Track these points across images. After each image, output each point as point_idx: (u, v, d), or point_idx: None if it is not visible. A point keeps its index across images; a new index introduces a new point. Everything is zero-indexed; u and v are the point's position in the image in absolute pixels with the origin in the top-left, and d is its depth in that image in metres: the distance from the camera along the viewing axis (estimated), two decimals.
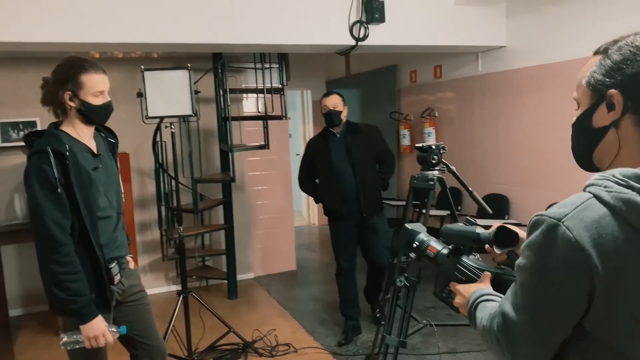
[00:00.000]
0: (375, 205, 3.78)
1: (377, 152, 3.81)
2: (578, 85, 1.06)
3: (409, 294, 2.19)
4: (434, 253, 1.33)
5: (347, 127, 3.75)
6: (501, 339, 1.00)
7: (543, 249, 0.94)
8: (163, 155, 4.37)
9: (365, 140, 3.74)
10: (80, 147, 2.00)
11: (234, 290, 4.89)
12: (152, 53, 4.91)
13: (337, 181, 3.70)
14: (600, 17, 3.71)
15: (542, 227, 0.94)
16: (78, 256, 1.91)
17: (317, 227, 7.82)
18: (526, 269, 0.97)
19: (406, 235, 1.37)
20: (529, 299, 0.97)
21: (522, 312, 0.97)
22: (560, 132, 4.12)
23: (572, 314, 0.95)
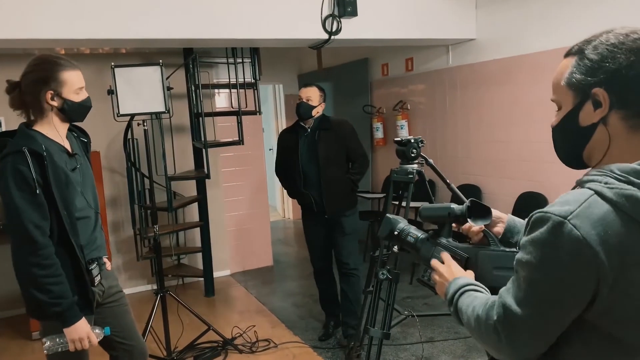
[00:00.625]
0: (341, 206, 3.52)
1: (347, 150, 3.54)
2: (556, 87, 1.08)
3: (392, 286, 2.22)
4: (414, 238, 1.37)
5: (319, 122, 3.52)
6: (501, 330, 1.02)
7: (549, 246, 0.96)
8: (135, 153, 4.30)
9: (334, 137, 3.49)
10: (55, 148, 1.95)
11: (211, 287, 4.85)
12: (121, 49, 4.81)
13: (302, 178, 3.52)
14: (570, 10, 3.80)
15: (548, 225, 0.96)
16: (58, 258, 1.87)
17: (292, 221, 7.83)
18: (531, 265, 0.99)
19: (387, 225, 1.41)
20: (535, 294, 0.99)
21: (526, 305, 0.99)
22: (530, 123, 4.22)
23: (577, 308, 0.97)
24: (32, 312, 1.95)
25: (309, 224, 3.68)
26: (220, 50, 4.72)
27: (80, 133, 2.16)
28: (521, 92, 4.28)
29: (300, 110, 3.48)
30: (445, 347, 3.53)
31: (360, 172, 3.58)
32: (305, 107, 3.47)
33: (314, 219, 3.58)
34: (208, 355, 3.57)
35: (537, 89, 4.13)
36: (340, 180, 3.49)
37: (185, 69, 4.56)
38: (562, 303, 0.97)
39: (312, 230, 3.67)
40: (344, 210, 3.53)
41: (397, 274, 2.23)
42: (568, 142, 1.10)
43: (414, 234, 1.36)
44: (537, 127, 4.16)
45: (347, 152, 3.54)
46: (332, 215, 3.49)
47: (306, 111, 3.47)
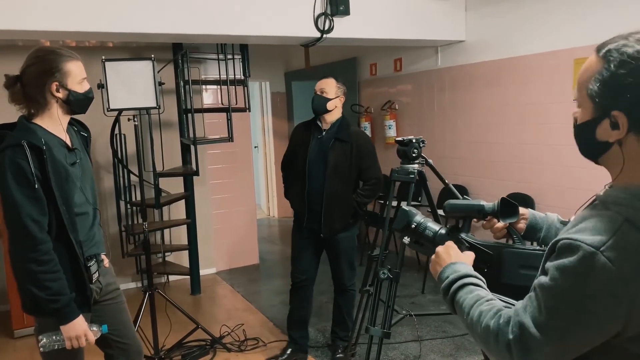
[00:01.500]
0: (339, 226, 3.16)
1: (361, 169, 3.15)
2: (580, 88, 1.04)
3: (392, 285, 2.22)
4: (432, 232, 1.35)
5: (337, 130, 3.14)
6: (515, 350, 1.00)
7: (580, 276, 0.93)
8: (123, 148, 4.23)
9: (349, 150, 3.10)
10: (55, 142, 1.91)
11: (197, 285, 4.81)
12: (108, 42, 4.73)
13: (306, 183, 3.16)
14: (559, 13, 3.87)
15: (578, 255, 0.93)
16: (56, 254, 1.83)
17: (277, 219, 7.80)
18: (556, 292, 0.96)
19: (404, 217, 1.39)
20: (558, 322, 0.96)
21: (546, 332, 0.97)
22: (519, 125, 4.28)
23: (602, 337, 0.96)
24: (28, 309, 1.91)
25: (299, 231, 3.31)
26: (209, 47, 4.68)
27: (80, 127, 2.12)
28: (510, 94, 4.34)
29: (313, 104, 3.13)
30: (434, 346, 3.56)
31: (371, 195, 3.20)
32: (319, 100, 3.11)
33: (307, 228, 3.24)
34: (196, 354, 3.54)
35: (526, 92, 4.19)
36: (345, 198, 3.13)
37: (175, 64, 4.50)
38: (587, 333, 0.95)
39: (301, 242, 3.31)
40: (341, 230, 3.19)
41: (398, 273, 2.23)
42: (584, 148, 1.09)
43: (432, 227, 1.35)
44: (525, 129, 4.23)
45: (360, 170, 3.16)
46: (325, 235, 3.17)
47: (320, 104, 3.11)
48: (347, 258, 3.23)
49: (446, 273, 1.20)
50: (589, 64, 1.03)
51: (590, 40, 3.64)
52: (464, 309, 1.12)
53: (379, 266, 2.37)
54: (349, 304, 3.30)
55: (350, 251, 3.25)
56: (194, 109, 4.09)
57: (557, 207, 4.01)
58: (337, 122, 3.18)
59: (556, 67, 3.92)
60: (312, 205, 3.17)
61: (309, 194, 3.17)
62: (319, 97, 3.14)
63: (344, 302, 3.30)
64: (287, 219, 7.79)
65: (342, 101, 3.21)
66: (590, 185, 3.77)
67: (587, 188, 3.93)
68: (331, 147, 3.11)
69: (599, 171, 3.79)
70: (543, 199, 4.11)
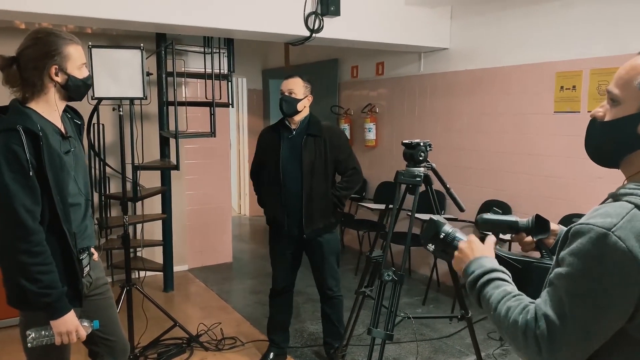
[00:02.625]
0: (322, 225, 3.06)
1: (337, 162, 3.08)
2: (624, 84, 1.05)
3: (396, 287, 2.22)
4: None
5: (306, 125, 3.05)
6: (542, 342, 1.01)
7: (593, 257, 0.96)
8: (101, 139, 4.10)
9: (323, 145, 3.02)
10: (50, 128, 1.82)
11: (170, 282, 4.70)
12: (86, 28, 4.57)
13: (281, 187, 3.03)
14: (544, 27, 3.97)
15: (590, 236, 0.96)
16: (49, 246, 1.74)
17: (247, 218, 7.72)
18: (573, 277, 0.98)
19: (432, 227, 1.38)
20: (578, 307, 0.98)
21: (569, 320, 0.98)
22: (497, 133, 4.37)
23: (620, 320, 0.98)
24: (15, 302, 1.81)
25: (279, 237, 3.17)
26: (192, 39, 4.59)
27: (74, 114, 2.03)
28: (490, 103, 4.43)
29: (283, 106, 3.00)
30: (412, 348, 3.59)
31: (349, 187, 3.12)
32: (289, 102, 2.98)
33: (286, 233, 3.10)
34: (173, 352, 3.45)
35: (507, 102, 4.29)
36: (324, 195, 3.04)
37: (157, 55, 4.39)
38: (606, 315, 0.97)
39: (281, 248, 3.17)
40: (325, 230, 3.09)
41: (402, 275, 2.23)
42: (613, 143, 1.08)
43: (461, 238, 1.34)
44: (504, 138, 4.32)
45: (336, 164, 3.08)
46: (308, 236, 3.05)
47: (290, 106, 2.99)
48: (331, 261, 3.14)
49: (471, 268, 1.20)
50: (635, 62, 1.04)
51: (572, 55, 3.76)
52: (491, 304, 1.12)
53: (382, 267, 2.36)
54: (338, 311, 3.21)
55: (334, 254, 3.16)
56: (178, 101, 3.99)
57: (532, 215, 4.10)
58: (305, 120, 3.08)
59: (538, 79, 4.03)
60: (290, 208, 3.05)
61: (285, 198, 3.05)
62: (288, 99, 3.00)
63: (332, 311, 3.21)
64: (259, 217, 7.72)
65: (310, 101, 3.09)
66: (565, 194, 3.92)
67: (561, 197, 4.07)
68: (304, 145, 3.00)
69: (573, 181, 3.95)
70: (519, 207, 4.20)
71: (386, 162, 5.53)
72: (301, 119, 3.07)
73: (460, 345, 3.60)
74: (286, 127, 3.11)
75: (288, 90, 3.02)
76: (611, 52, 3.51)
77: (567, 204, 3.84)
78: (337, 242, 3.21)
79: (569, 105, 3.80)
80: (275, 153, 3.06)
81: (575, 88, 3.74)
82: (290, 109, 3.02)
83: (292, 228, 3.06)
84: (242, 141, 7.78)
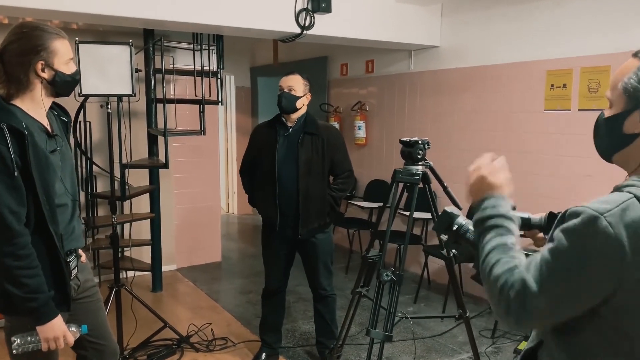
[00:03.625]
0: (317, 225, 3.03)
1: (332, 161, 3.04)
2: (613, 87, 1.11)
3: (395, 288, 2.19)
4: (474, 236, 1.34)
5: (303, 124, 3.00)
6: (513, 305, 1.03)
7: (581, 237, 1.00)
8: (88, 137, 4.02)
9: (320, 144, 2.97)
10: (36, 126, 1.76)
11: (159, 282, 4.64)
12: (72, 23, 4.47)
13: (276, 186, 2.97)
14: (534, 26, 3.98)
15: (582, 217, 1.00)
16: (35, 248, 1.68)
17: (236, 216, 7.65)
18: (557, 251, 1.02)
19: (445, 218, 1.38)
20: (556, 280, 1.01)
21: (544, 289, 1.01)
22: (489, 132, 4.37)
23: (591, 301, 1.02)
24: (0, 307, 1.75)
25: (272, 238, 3.11)
26: (181, 35, 4.52)
27: (60, 111, 1.97)
28: (481, 101, 4.43)
29: (282, 102, 2.93)
30: (405, 347, 3.58)
31: (344, 188, 3.10)
32: (289, 98, 2.92)
33: (280, 233, 3.05)
34: (163, 353, 3.40)
35: (497, 100, 4.29)
36: (320, 195, 3.00)
37: (145, 52, 4.31)
38: (582, 292, 1.01)
39: (273, 250, 3.13)
40: (318, 230, 3.06)
41: (401, 275, 2.20)
42: (605, 142, 1.15)
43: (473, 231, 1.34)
44: (495, 136, 4.32)
45: (332, 164, 3.05)
46: (303, 237, 3.01)
47: (290, 102, 2.92)
48: (325, 261, 3.11)
49: (486, 204, 1.20)
50: (625, 65, 1.10)
51: (563, 53, 3.76)
52: (484, 249, 1.14)
53: (380, 267, 2.32)
54: (331, 310, 3.19)
55: (328, 254, 3.13)
56: (166, 99, 3.93)
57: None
58: (302, 117, 3.02)
59: (528, 77, 4.03)
60: (284, 208, 2.99)
61: (280, 197, 2.98)
62: (288, 96, 2.94)
63: (325, 309, 3.17)
64: (247, 216, 7.68)
65: (309, 99, 3.06)
66: (555, 192, 3.92)
67: (551, 195, 4.08)
68: (301, 143, 2.95)
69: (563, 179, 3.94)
70: None
71: (376, 160, 5.51)
72: (298, 116, 3.01)
73: (452, 343, 3.59)
74: (282, 124, 3.04)
75: (288, 87, 2.97)
76: (602, 50, 3.52)
77: (555, 202, 3.84)
78: (330, 242, 3.19)
79: (560, 104, 3.81)
80: (270, 150, 2.99)
81: (565, 86, 3.75)
82: (289, 105, 2.96)
83: (286, 228, 3.01)
84: (230, 139, 7.72)
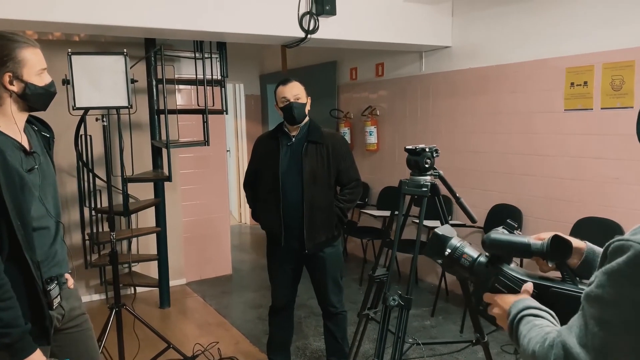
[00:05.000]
0: (324, 238, 2.86)
1: (338, 171, 2.88)
2: None
3: (403, 313, 1.99)
4: (469, 262, 1.17)
5: (307, 132, 2.85)
6: None
7: (628, 280, 0.83)
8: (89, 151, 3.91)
9: (325, 153, 2.82)
10: (9, 143, 1.62)
11: (167, 298, 4.50)
12: (74, 36, 4.39)
13: (280, 198, 2.81)
14: (551, 21, 3.76)
15: (628, 255, 0.83)
16: (9, 278, 1.54)
17: (248, 227, 7.52)
18: (602, 301, 0.86)
19: (436, 242, 1.20)
20: (604, 336, 0.86)
21: (591, 349, 0.87)
22: (506, 134, 4.15)
23: None
24: None
25: (277, 252, 2.97)
26: (183, 44, 4.41)
27: (41, 126, 1.84)
28: (497, 102, 4.22)
29: (294, 113, 2.76)
30: None
31: (352, 199, 2.94)
32: (299, 108, 2.77)
33: (285, 247, 2.90)
34: None
35: (514, 101, 4.08)
36: (326, 206, 2.84)
37: (147, 61, 4.20)
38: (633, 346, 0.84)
39: (279, 265, 2.98)
40: (326, 243, 2.90)
41: (410, 299, 1.99)
42: None
43: (470, 255, 1.16)
44: (512, 138, 4.11)
45: (338, 173, 2.89)
46: (309, 251, 2.85)
47: (301, 112, 2.79)
48: (334, 276, 2.94)
49: (510, 312, 1.08)
50: None
51: (583, 48, 3.55)
52: (519, 341, 1.03)
53: (386, 290, 2.13)
54: (342, 328, 3.01)
55: (337, 269, 2.96)
56: (168, 109, 3.80)
57: (544, 219, 3.90)
58: (305, 126, 2.87)
59: (546, 76, 3.82)
60: (289, 221, 2.83)
61: (284, 209, 2.82)
62: (298, 105, 2.78)
63: (336, 327, 2.99)
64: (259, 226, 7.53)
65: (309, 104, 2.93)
66: (579, 196, 3.70)
67: (575, 200, 3.85)
68: (305, 152, 2.80)
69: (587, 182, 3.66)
70: (529, 210, 3.99)
71: (389, 167, 5.33)
72: (302, 124, 2.86)
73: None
74: (285, 133, 2.89)
75: (294, 96, 2.80)
76: (625, 44, 3.30)
77: (580, 207, 3.62)
78: (339, 256, 3.03)
79: (581, 102, 3.58)
80: (273, 161, 2.84)
81: (586, 84, 3.53)
82: (301, 115, 2.82)
83: (291, 242, 2.86)
84: (241, 148, 7.60)
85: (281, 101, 2.83)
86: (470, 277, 1.17)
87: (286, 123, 2.89)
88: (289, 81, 2.87)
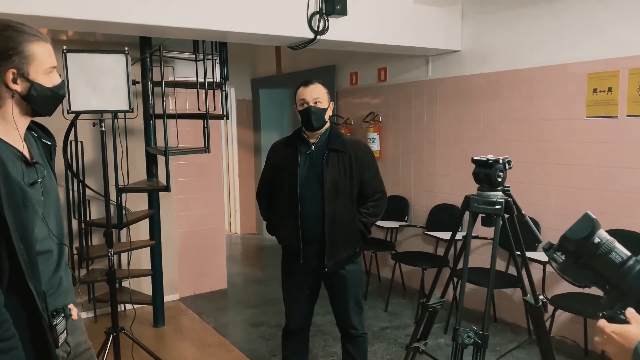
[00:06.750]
0: (345, 255, 2.63)
1: (361, 181, 2.64)
2: None
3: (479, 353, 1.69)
4: (621, 259, 1.02)
5: (328, 139, 2.61)
6: None
7: None
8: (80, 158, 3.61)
9: (348, 162, 2.59)
10: (9, 153, 1.36)
11: (161, 316, 4.19)
12: (61, 34, 4.09)
13: (299, 211, 2.57)
14: (569, 24, 3.61)
15: None
16: (10, 312, 1.27)
17: (239, 236, 7.22)
18: None
19: (587, 224, 1.07)
20: None
21: None
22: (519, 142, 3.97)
23: None
24: None
25: (293, 273, 2.74)
26: (181, 44, 4.14)
27: (41, 132, 1.57)
28: (510, 109, 4.06)
29: (312, 119, 2.52)
30: None
31: (376, 213, 2.70)
32: (318, 113, 2.53)
33: (302, 267, 2.67)
34: None
35: (529, 107, 3.92)
36: (348, 220, 2.62)
37: (142, 62, 3.92)
38: None
39: (297, 282, 2.73)
40: (347, 260, 2.66)
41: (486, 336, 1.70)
42: None
43: (622, 252, 1.02)
44: (527, 147, 3.94)
45: (361, 184, 2.65)
46: (329, 270, 2.62)
47: (319, 118, 2.54)
48: (356, 296, 2.71)
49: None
50: None
51: (606, 53, 3.40)
52: None
53: (458, 325, 1.86)
54: (363, 351, 2.78)
55: (358, 288, 2.75)
56: (167, 114, 3.53)
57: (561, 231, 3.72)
58: (326, 132, 2.63)
59: (565, 81, 3.66)
60: (308, 235, 2.59)
61: (302, 223, 2.58)
62: (317, 111, 2.53)
63: (356, 351, 2.75)
64: (251, 236, 7.26)
65: (332, 110, 2.68)
66: (599, 208, 3.54)
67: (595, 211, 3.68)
68: (325, 161, 2.56)
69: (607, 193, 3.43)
70: (548, 222, 3.82)
71: (392, 175, 5.13)
72: (322, 131, 2.62)
73: None
74: (303, 140, 2.64)
75: (314, 99, 2.55)
76: None
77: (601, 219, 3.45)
78: (361, 274, 2.80)
79: (604, 110, 3.43)
80: (291, 171, 2.60)
81: (611, 90, 3.38)
82: (319, 121, 2.56)
83: (310, 259, 2.62)
84: (231, 154, 7.32)
85: (300, 104, 2.59)
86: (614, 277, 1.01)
87: (304, 129, 2.65)
88: (311, 82, 2.62)
